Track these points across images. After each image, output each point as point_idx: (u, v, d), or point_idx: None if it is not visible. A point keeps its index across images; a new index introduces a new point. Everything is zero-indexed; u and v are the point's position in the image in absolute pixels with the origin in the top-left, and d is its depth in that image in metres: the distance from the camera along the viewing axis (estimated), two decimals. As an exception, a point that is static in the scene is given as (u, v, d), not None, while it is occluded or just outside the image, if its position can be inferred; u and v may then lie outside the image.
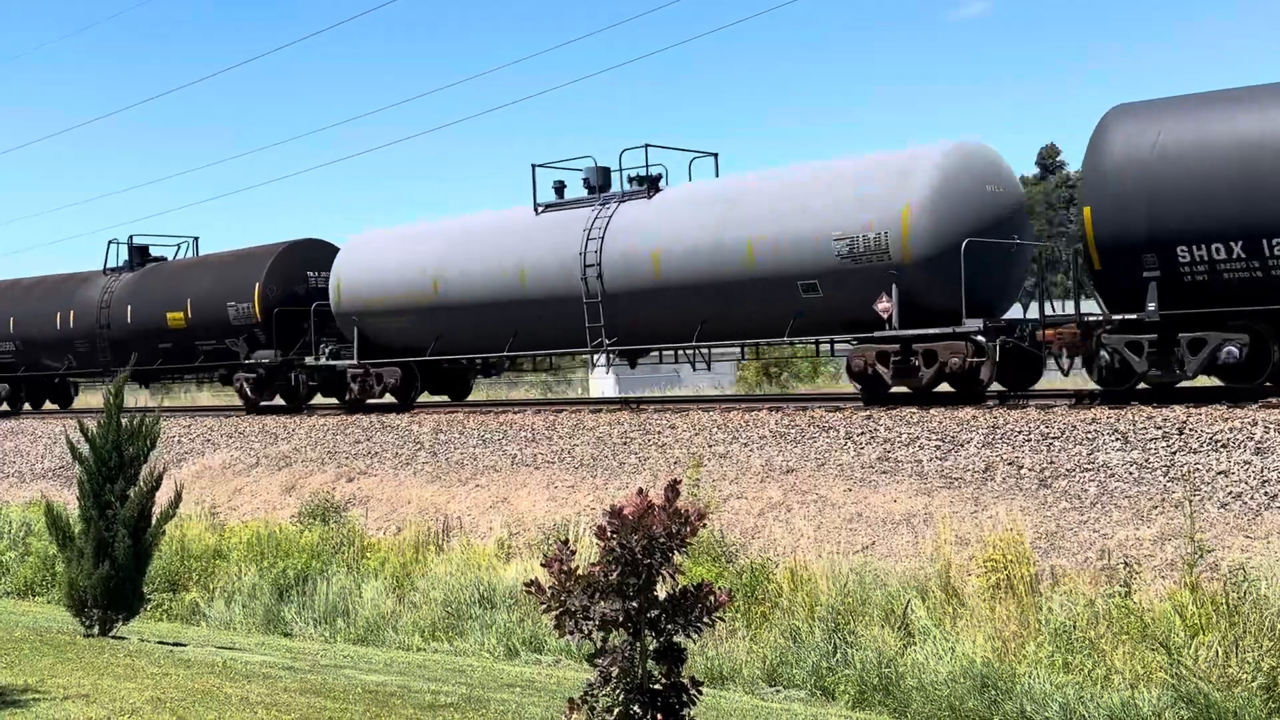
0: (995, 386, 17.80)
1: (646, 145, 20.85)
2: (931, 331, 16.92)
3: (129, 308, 28.95)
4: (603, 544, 5.46)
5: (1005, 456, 14.36)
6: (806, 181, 18.68)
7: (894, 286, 17.08)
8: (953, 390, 17.95)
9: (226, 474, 22.39)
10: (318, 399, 27.06)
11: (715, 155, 21.78)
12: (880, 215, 17.18)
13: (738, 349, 21.52)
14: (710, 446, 17.06)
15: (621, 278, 20.07)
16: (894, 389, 17.87)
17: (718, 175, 21.48)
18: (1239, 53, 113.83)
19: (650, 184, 20.81)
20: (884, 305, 17.12)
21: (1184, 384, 15.67)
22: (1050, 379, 19.58)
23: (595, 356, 22.61)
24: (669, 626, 5.49)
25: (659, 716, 5.46)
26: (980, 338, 16.84)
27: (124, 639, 10.94)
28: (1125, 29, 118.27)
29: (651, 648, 5.52)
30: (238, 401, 27.60)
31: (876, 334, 17.38)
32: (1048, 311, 17.05)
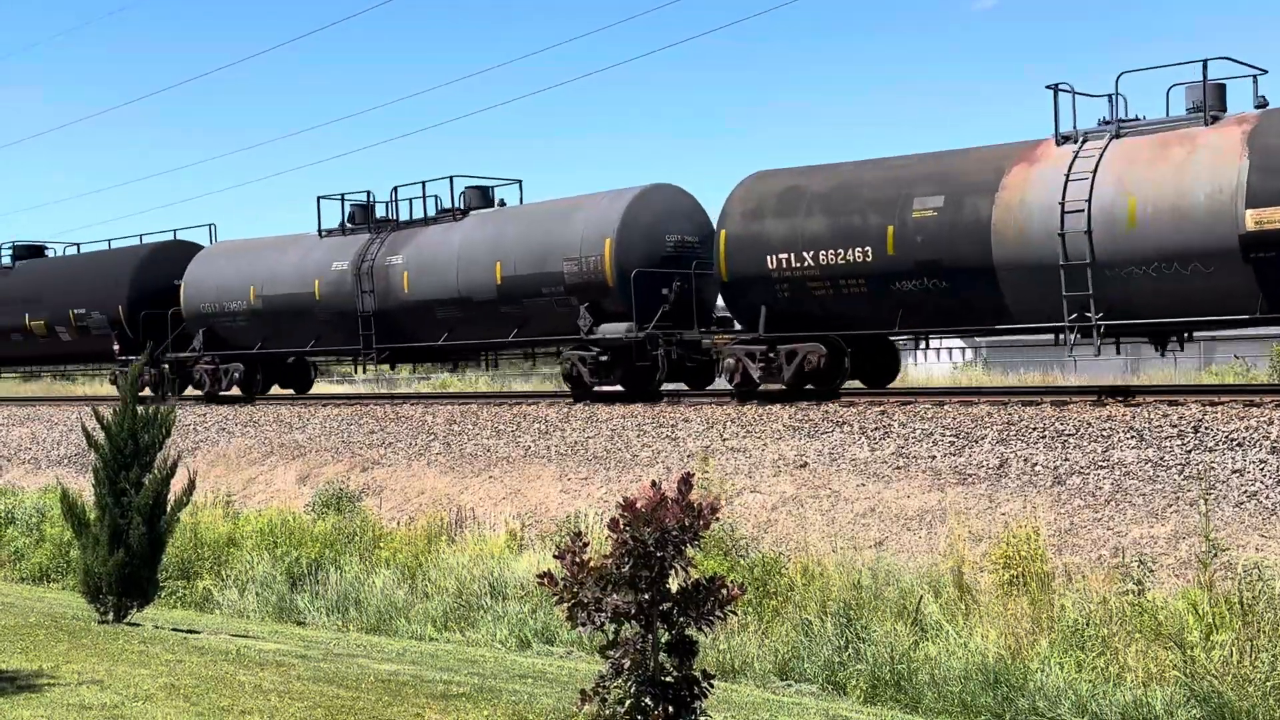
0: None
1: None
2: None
3: None
4: (615, 536, 5.46)
5: (1020, 453, 14.33)
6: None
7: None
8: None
9: (241, 462, 22.47)
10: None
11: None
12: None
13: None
14: (723, 440, 17.06)
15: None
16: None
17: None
18: (1247, 43, 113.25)
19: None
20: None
21: (1192, 383, 15.68)
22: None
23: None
24: (681, 619, 5.50)
25: (670, 709, 5.47)
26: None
27: (138, 626, 10.98)
28: (1128, 26, 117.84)
29: (663, 640, 5.53)
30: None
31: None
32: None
